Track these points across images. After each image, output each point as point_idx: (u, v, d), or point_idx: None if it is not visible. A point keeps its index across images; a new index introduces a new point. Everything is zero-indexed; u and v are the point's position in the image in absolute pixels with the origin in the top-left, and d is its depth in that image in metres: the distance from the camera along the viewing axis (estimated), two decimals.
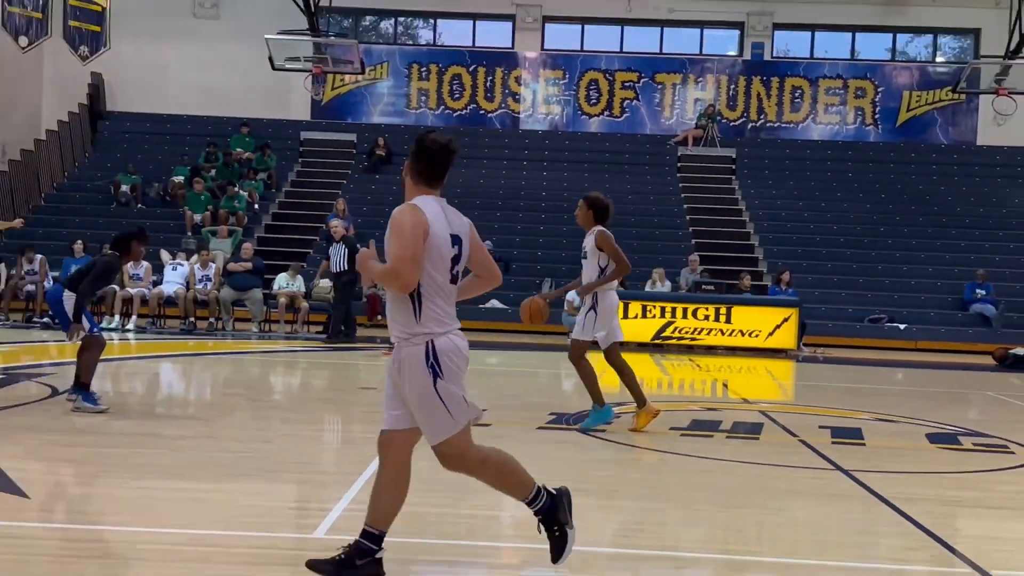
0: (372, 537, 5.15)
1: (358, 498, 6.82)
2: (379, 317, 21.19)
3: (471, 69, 30.12)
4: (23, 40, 24.60)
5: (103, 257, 10.38)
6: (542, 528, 5.31)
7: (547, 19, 30.07)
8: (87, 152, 28.31)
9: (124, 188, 25.57)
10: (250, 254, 21.13)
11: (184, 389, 13.47)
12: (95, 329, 10.09)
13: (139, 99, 28.72)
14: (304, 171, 27.84)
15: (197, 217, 24.22)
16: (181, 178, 26.03)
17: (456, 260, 5.14)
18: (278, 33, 22.00)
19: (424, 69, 30.16)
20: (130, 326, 19.46)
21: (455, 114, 30.10)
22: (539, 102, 30.28)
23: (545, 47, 30.29)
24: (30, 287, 20.31)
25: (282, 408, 11.88)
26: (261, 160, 27.26)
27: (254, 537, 5.99)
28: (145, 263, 19.86)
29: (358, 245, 16.93)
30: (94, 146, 28.50)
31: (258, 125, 28.16)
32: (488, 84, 30.10)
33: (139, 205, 25.57)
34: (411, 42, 31.33)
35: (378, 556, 5.15)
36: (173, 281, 20.59)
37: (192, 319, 20.05)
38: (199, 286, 20.40)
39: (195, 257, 20.96)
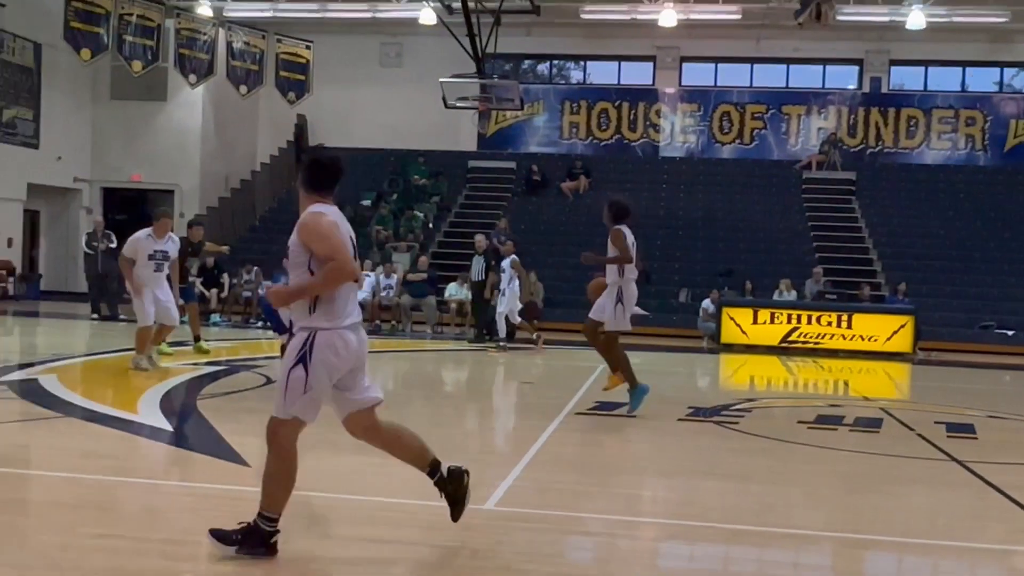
0: (268, 520, 4.95)
1: (523, 475, 6.93)
2: (535, 322, 21.29)
3: (616, 104, 30.05)
4: (243, 88, 25.65)
5: None
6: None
7: (684, 59, 29.79)
8: (293, 180, 29.25)
9: None
10: (425, 266, 21.56)
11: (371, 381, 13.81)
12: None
13: (335, 135, 29.52)
14: (471, 194, 28.20)
15: (382, 235, 24.82)
16: (368, 202, 26.70)
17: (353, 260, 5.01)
18: (451, 77, 22.36)
19: (575, 105, 30.22)
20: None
21: (602, 143, 30.06)
22: (676, 132, 30.00)
23: (682, 83, 29.99)
24: (247, 294, 21.19)
25: (452, 398, 12.10)
26: (435, 186, 27.74)
27: (432, 506, 6.14)
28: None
29: (504, 258, 17.24)
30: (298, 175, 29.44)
31: (432, 156, 28.66)
32: (631, 117, 29.98)
33: None
34: (564, 82, 31.43)
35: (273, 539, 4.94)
36: (362, 289, 21.19)
37: (377, 321, 20.56)
38: (383, 293, 20.92)
39: (380, 269, 21.50)
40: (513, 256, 17.26)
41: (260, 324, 19.25)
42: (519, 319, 17.40)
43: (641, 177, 28.75)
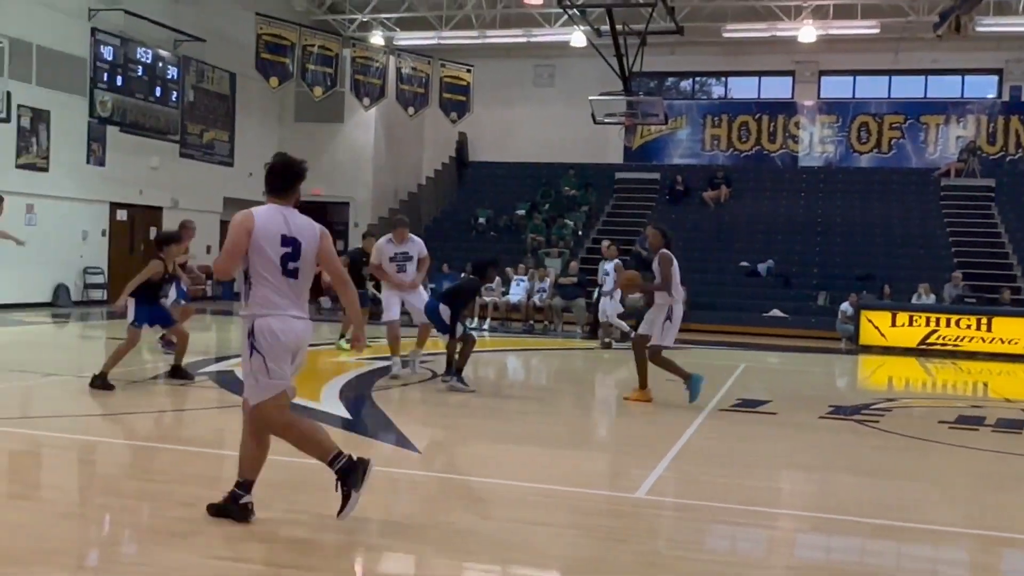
0: (242, 485, 5.13)
1: (670, 467, 6.89)
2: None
3: (756, 117, 29.40)
4: (411, 110, 26.33)
5: (470, 280, 11.07)
6: (337, 486, 5.12)
7: (823, 72, 28.91)
8: (454, 193, 29.86)
9: (481, 220, 26.79)
10: (575, 270, 21.60)
11: (525, 376, 13.97)
12: (466, 330, 10.68)
13: (492, 150, 29.98)
14: (617, 204, 28.09)
15: (535, 241, 25.01)
16: (523, 211, 26.95)
17: (288, 257, 5.04)
18: (599, 95, 22.36)
19: (716, 119, 29.73)
20: (485, 326, 20.34)
21: (742, 155, 29.46)
22: (815, 143, 29.13)
23: (821, 96, 29.12)
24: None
25: (600, 393, 12.10)
26: (584, 196, 27.77)
27: (584, 493, 6.17)
28: (498, 278, 20.83)
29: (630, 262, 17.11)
30: (460, 188, 30.01)
31: (581, 168, 28.69)
32: (771, 129, 29.28)
33: (491, 232, 26.68)
34: (705, 97, 30.95)
35: (243, 502, 5.09)
36: (517, 292, 21.42)
37: (531, 322, 20.74)
38: (536, 296, 21.07)
39: (533, 273, 21.68)
40: (616, 260, 17.26)
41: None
42: (617, 321, 17.30)
43: (780, 186, 28.07)
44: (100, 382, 9.37)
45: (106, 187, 21.66)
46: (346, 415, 8.66)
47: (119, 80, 21.30)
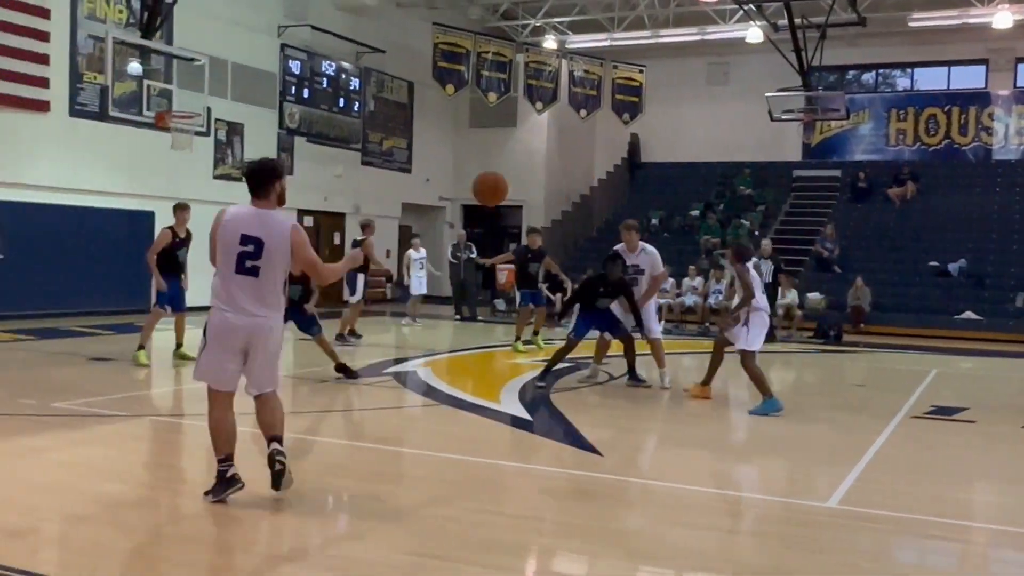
0: (220, 462, 5.49)
1: (862, 476, 6.62)
2: (861, 325, 20.23)
3: (945, 109, 27.87)
4: (583, 112, 26.41)
5: (592, 278, 11.10)
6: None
7: (1020, 60, 27.12)
8: (626, 194, 29.72)
9: (654, 221, 26.54)
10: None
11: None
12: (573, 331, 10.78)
13: (664, 151, 29.67)
14: (796, 203, 27.24)
15: (710, 243, 24.56)
16: (696, 212, 26.53)
17: (246, 255, 5.25)
18: (777, 91, 21.77)
19: (902, 112, 28.35)
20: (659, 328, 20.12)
21: (930, 149, 27.98)
22: (1011, 134, 27.34)
23: (1017, 85, 27.31)
24: None
25: (784, 398, 11.73)
26: (760, 195, 27.07)
27: (772, 500, 6.01)
28: (672, 280, 20.58)
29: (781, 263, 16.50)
30: (631, 190, 29.86)
31: (756, 167, 28.00)
32: (962, 121, 27.68)
33: (665, 234, 26.38)
34: (890, 89, 29.59)
35: (230, 473, 5.47)
36: (690, 293, 21.10)
37: (707, 324, 20.38)
38: (712, 298, 20.69)
39: (709, 274, 21.29)
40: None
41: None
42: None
43: (973, 181, 26.49)
44: None
45: (294, 194, 22.59)
46: (526, 416, 8.75)
47: (306, 92, 22.32)
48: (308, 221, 23.47)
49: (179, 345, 11.67)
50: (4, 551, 4.50)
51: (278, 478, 5.50)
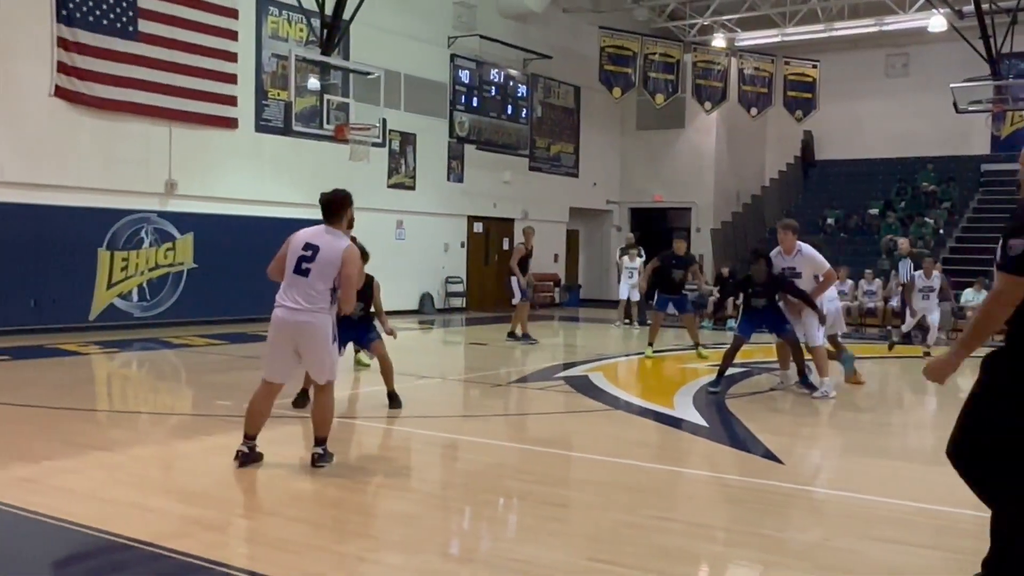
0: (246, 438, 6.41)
1: None
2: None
3: None
4: (753, 111, 25.83)
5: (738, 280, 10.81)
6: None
7: None
8: (800, 194, 28.83)
9: (829, 221, 25.61)
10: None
11: (883, 385, 13.10)
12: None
13: (840, 147, 28.61)
14: (984, 199, 25.69)
15: (891, 243, 23.44)
16: (876, 211, 25.43)
17: (304, 259, 6.22)
18: (963, 81, 20.62)
19: None
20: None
21: None
22: None
23: None
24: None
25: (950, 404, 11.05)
26: (945, 192, 25.69)
27: (965, 514, 5.65)
28: (849, 281, 19.82)
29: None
30: (805, 189, 28.93)
31: (940, 162, 26.59)
32: None
33: (841, 234, 25.43)
34: None
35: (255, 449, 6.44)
36: (868, 297, 20.20)
37: (888, 327, 19.43)
38: (895, 300, 19.74)
39: (892, 275, 20.32)
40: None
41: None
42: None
43: None
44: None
45: (464, 202, 23.18)
46: (701, 422, 8.58)
47: (475, 101, 22.73)
48: (478, 227, 23.89)
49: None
50: (201, 543, 4.74)
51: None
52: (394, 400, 8.80)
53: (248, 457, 6.38)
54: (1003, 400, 3.75)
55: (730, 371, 10.49)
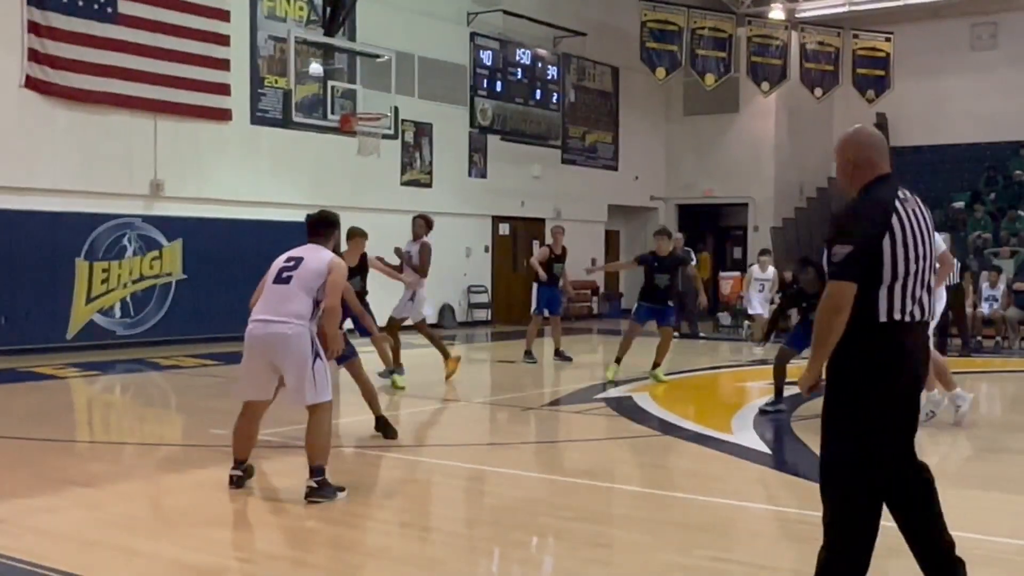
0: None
1: None
2: None
3: None
4: (818, 91, 25.71)
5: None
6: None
7: None
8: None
9: None
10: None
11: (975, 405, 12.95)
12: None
13: (918, 132, 28.38)
14: None
15: (980, 239, 23.24)
16: (961, 204, 25.22)
17: (285, 268, 6.55)
18: None
19: None
20: None
21: None
22: None
23: None
24: None
25: None
26: None
27: None
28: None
29: None
30: None
31: None
32: None
33: None
34: None
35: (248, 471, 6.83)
36: (992, 301, 20.03)
37: (978, 337, 19.27)
38: (984, 305, 19.56)
39: (982, 277, 20.12)
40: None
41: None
42: None
43: None
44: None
45: (488, 200, 23.21)
46: (764, 449, 8.52)
47: (498, 85, 22.79)
48: (504, 229, 23.92)
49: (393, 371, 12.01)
50: None
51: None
52: (386, 428, 8.59)
53: (242, 480, 6.71)
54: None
55: (796, 390, 10.38)
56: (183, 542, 5.66)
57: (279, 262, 6.65)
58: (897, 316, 4.16)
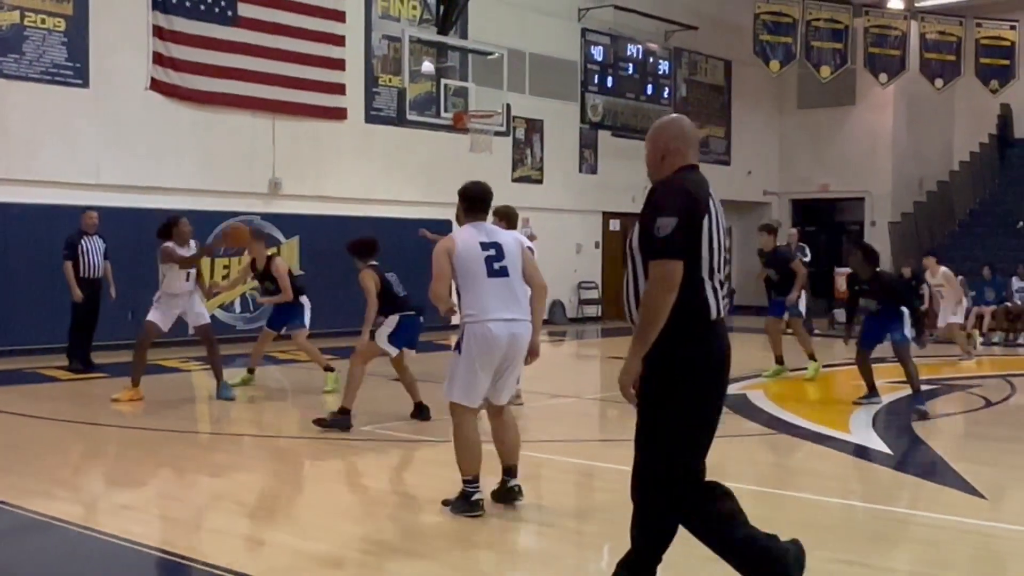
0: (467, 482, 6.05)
1: None
2: None
3: None
4: (938, 82, 25.00)
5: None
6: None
7: None
8: (996, 179, 27.66)
9: None
10: None
11: None
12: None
13: None
14: None
15: None
16: None
17: (493, 259, 5.95)
18: None
19: None
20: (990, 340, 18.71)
21: None
22: None
23: None
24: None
25: None
26: None
27: None
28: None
29: None
30: (1003, 172, 27.75)
31: None
32: None
33: None
34: None
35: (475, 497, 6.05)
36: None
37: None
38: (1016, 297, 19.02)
39: None
40: None
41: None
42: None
43: None
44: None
45: (599, 196, 23.14)
46: (885, 450, 8.31)
47: (609, 81, 22.68)
48: (614, 225, 23.81)
49: None
50: None
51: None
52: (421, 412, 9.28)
53: (472, 506, 6.04)
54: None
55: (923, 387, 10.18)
56: (304, 533, 5.78)
57: (476, 250, 5.97)
58: (713, 314, 4.06)
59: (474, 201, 6.25)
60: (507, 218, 8.82)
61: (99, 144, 15.28)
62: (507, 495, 6.22)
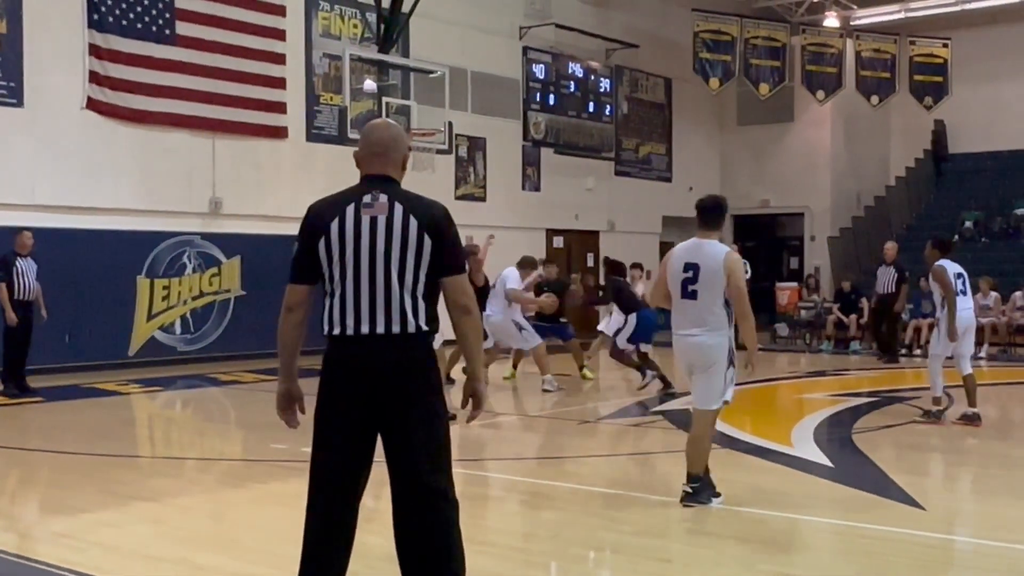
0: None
1: None
2: None
3: None
4: (874, 99, 25.48)
5: None
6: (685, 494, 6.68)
7: None
8: (932, 193, 28.20)
9: (967, 224, 25.00)
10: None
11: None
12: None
13: (979, 139, 27.91)
14: None
15: None
16: (1023, 211, 24.78)
17: (687, 281, 6.61)
18: None
19: None
20: (982, 354, 18.88)
21: None
22: None
23: None
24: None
25: None
26: None
27: None
28: (993, 294, 19.33)
29: None
30: (938, 187, 28.30)
31: None
32: None
33: (982, 239, 24.81)
34: None
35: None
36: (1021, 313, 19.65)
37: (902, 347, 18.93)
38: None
39: None
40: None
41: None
42: None
43: None
44: None
45: (542, 213, 23.21)
46: (826, 462, 8.42)
47: (551, 99, 22.80)
48: (558, 242, 23.89)
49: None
50: None
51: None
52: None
53: (704, 495, 6.78)
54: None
55: (855, 402, 10.33)
56: (245, 556, 5.71)
57: (679, 270, 6.74)
58: (336, 330, 4.23)
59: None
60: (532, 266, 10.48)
61: (34, 164, 15.04)
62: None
